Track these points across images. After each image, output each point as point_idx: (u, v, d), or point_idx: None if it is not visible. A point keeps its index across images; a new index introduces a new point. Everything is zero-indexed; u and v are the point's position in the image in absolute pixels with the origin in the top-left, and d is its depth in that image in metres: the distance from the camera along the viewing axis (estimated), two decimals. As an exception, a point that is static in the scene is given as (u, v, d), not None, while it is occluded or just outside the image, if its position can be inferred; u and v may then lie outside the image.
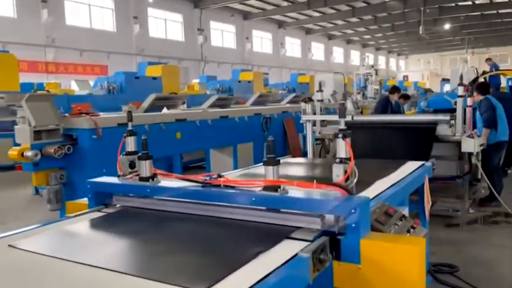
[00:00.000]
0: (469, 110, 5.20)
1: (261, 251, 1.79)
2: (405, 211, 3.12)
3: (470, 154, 5.04)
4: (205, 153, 8.01)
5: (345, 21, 35.02)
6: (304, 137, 9.77)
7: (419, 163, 3.80)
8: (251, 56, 32.22)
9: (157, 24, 26.55)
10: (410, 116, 5.72)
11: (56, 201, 5.39)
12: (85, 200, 2.75)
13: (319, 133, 5.67)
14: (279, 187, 2.12)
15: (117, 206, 2.68)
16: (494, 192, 5.50)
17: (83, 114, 5.53)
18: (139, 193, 2.56)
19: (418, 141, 4.68)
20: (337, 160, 2.10)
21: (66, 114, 5.51)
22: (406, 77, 37.18)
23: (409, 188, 3.14)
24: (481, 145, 5.02)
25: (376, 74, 16.10)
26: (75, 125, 5.36)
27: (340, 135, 2.09)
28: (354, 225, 1.88)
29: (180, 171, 7.76)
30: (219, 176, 2.34)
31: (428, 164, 3.79)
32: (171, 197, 2.45)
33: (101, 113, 6.19)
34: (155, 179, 2.57)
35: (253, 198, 2.13)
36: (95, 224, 2.39)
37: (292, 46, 37.15)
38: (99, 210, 2.64)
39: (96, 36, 23.07)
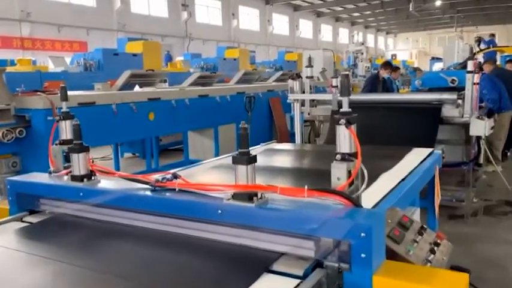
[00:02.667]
0: (476, 89, 4.60)
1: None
2: (417, 213, 2.54)
3: (478, 137, 4.47)
4: (182, 136, 7.32)
5: (333, -2, 34.10)
6: (292, 119, 9.19)
7: (427, 151, 3.20)
8: (237, 33, 31.18)
9: (139, -1, 25.34)
10: (411, 94, 5.12)
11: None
12: (6, 204, 2.11)
13: (308, 114, 5.03)
14: (255, 195, 1.50)
15: (46, 212, 2.04)
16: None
17: (38, 93, 4.80)
18: (70, 197, 1.91)
19: (422, 124, 4.09)
20: (338, 157, 1.48)
21: (18, 93, 4.78)
22: (394, 56, 36.53)
23: (420, 183, 2.54)
24: (491, 128, 4.45)
25: (367, 51, 15.45)
26: (28, 104, 4.64)
27: (342, 121, 1.46)
28: (363, 255, 1.27)
29: (155, 155, 7.11)
30: (175, 176, 1.71)
31: (438, 151, 3.20)
32: (110, 204, 1.81)
33: (70, 92, 5.45)
34: (93, 178, 1.92)
35: (219, 211, 1.51)
36: (11, 242, 1.75)
37: (280, 23, 36.09)
38: (21, 219, 2.00)
39: (75, 11, 21.85)
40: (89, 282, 1.37)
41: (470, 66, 4.27)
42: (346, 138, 1.47)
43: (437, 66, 17.84)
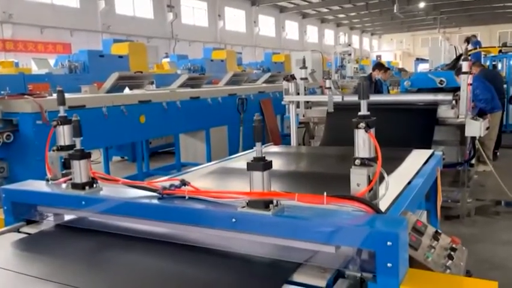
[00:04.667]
0: (469, 89, 4.61)
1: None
2: (424, 216, 2.50)
3: (473, 138, 4.48)
4: (174, 139, 7.21)
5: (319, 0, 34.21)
6: (283, 120, 9.15)
7: (428, 152, 3.19)
8: (224, 34, 31.08)
9: (124, 0, 25.02)
10: (406, 95, 5.11)
11: (-4, 199, 4.55)
12: (0, 214, 2.00)
13: (303, 116, 4.98)
14: (271, 202, 1.43)
15: (44, 222, 1.94)
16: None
17: (26, 96, 4.66)
18: (71, 206, 1.82)
19: (419, 125, 4.07)
20: (357, 162, 1.42)
21: (5, 96, 4.62)
22: (379, 57, 36.87)
23: (426, 185, 2.52)
24: (486, 128, 4.46)
25: (354, 52, 15.53)
26: (15, 108, 4.49)
27: (361, 125, 1.41)
28: (389, 264, 1.22)
29: (146, 158, 7.00)
30: (184, 183, 1.63)
31: (439, 153, 3.19)
32: (114, 213, 1.72)
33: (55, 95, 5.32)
34: (94, 186, 1.83)
35: (234, 219, 1.45)
36: (5, 256, 1.65)
37: (266, 25, 36.09)
38: (17, 230, 1.90)
39: (58, 12, 21.47)
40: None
41: (465, 67, 4.27)
42: (365, 143, 1.42)
43: (422, 67, 18.02)
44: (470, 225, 4.72)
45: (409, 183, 2.33)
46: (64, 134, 2.04)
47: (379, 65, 8.60)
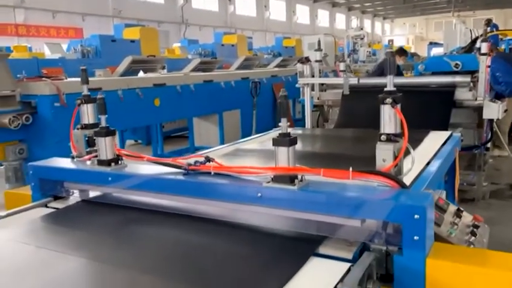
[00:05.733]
0: (487, 71, 4.55)
1: (280, 279, 1.14)
2: (443, 196, 2.51)
3: (490, 121, 4.43)
4: (187, 122, 7.24)
5: (331, -18, 33.73)
6: (295, 104, 9.11)
7: (446, 134, 3.18)
8: (234, 19, 30.85)
9: (134, -15, 24.91)
10: (424, 78, 5.05)
11: (16, 180, 4.64)
12: (27, 190, 2.06)
13: (318, 99, 4.96)
14: (296, 177, 1.45)
15: (70, 198, 1.99)
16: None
17: (44, 78, 4.70)
18: (98, 182, 1.86)
19: (436, 107, 4.04)
20: (383, 137, 1.43)
21: (23, 78, 4.67)
22: (391, 41, 36.36)
23: (444, 166, 2.51)
24: (505, 111, 4.41)
25: (367, 36, 15.34)
26: (34, 90, 4.54)
27: (388, 100, 1.41)
28: (416, 237, 1.24)
29: (160, 141, 7.05)
30: (208, 159, 1.66)
31: (457, 134, 3.18)
32: (140, 189, 1.76)
33: (74, 78, 5.35)
34: (119, 163, 1.87)
35: (259, 194, 1.47)
36: (34, 230, 1.70)
37: (277, 9, 35.72)
38: (45, 205, 1.95)
39: (70, -4, 21.52)
40: (126, 272, 1.33)
41: (484, 48, 4.21)
42: (391, 118, 1.42)
43: (436, 51, 17.74)
44: (486, 208, 4.70)
45: (427, 164, 2.34)
46: (88, 113, 2.07)
47: (401, 51, 8.35)
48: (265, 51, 19.74)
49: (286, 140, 1.45)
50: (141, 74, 6.40)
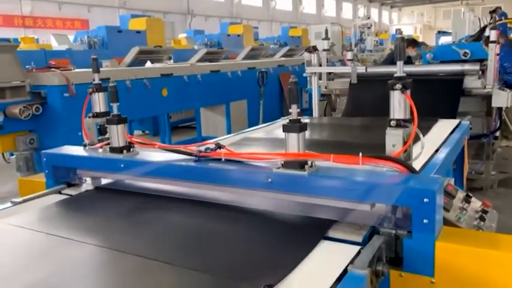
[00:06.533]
0: (496, 59, 4.51)
1: (291, 261, 1.17)
2: (452, 183, 2.52)
3: (499, 109, 4.41)
4: (195, 113, 7.27)
5: (337, -29, 33.34)
6: (302, 94, 9.10)
7: (454, 122, 3.19)
8: (240, 9, 30.67)
9: (140, -25, 24.80)
10: (432, 66, 5.03)
11: (27, 169, 4.71)
12: (41, 178, 2.10)
13: (325, 88, 4.96)
14: (306, 163, 1.47)
15: (83, 185, 2.03)
16: None
17: (53, 69, 4.74)
18: (110, 169, 1.90)
19: (444, 95, 4.03)
20: (393, 123, 1.45)
21: (32, 69, 4.72)
22: (398, 31, 35.99)
23: (453, 153, 2.52)
24: (513, 99, 4.39)
25: (374, 25, 15.22)
26: (43, 81, 4.59)
27: (398, 86, 1.42)
28: (425, 220, 1.26)
29: (168, 132, 7.08)
30: (219, 146, 1.68)
31: (466, 122, 3.18)
32: (152, 176, 1.79)
33: (83, 69, 5.39)
34: (131, 150, 1.90)
35: (270, 179, 1.49)
36: (49, 216, 1.74)
37: (283, -2, 35.48)
38: (59, 192, 2.00)
39: (76, -12, 21.50)
40: (137, 258, 1.36)
41: (493, 35, 4.18)
42: (401, 104, 1.44)
43: (444, 40, 17.54)
44: (494, 197, 4.70)
45: (436, 151, 2.35)
46: (99, 101, 2.10)
47: (413, 42, 8.19)
48: (271, 41, 19.64)
49: (296, 126, 1.46)
50: (148, 64, 6.42)
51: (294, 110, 1.48)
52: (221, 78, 6.83)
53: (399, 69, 1.45)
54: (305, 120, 3.81)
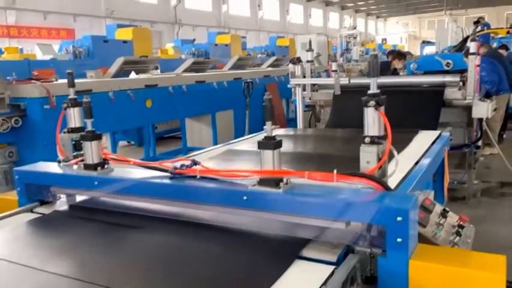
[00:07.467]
0: (477, 71, 4.58)
1: (265, 283, 1.15)
2: (431, 196, 2.52)
3: (480, 120, 4.46)
4: (180, 123, 7.22)
5: (324, -18, 33.77)
6: (288, 104, 9.13)
7: (435, 133, 3.20)
8: (228, 18, 30.82)
9: (126, -15, 24.78)
10: (414, 77, 5.08)
11: (6, 183, 4.61)
12: (14, 195, 2.04)
13: (309, 99, 4.98)
14: (281, 180, 1.46)
15: (57, 202, 1.98)
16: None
17: (33, 81, 4.68)
18: (84, 186, 1.85)
19: (426, 106, 4.06)
20: (367, 140, 1.44)
21: (12, 81, 4.64)
22: (385, 40, 36.47)
23: (433, 165, 2.53)
24: (494, 109, 4.44)
25: (360, 35, 15.39)
26: (23, 93, 4.51)
27: (371, 103, 1.42)
28: (399, 239, 1.24)
29: (152, 143, 7.03)
30: (194, 163, 1.66)
31: (446, 134, 3.20)
32: (126, 193, 1.75)
33: (63, 80, 5.32)
34: (106, 167, 1.86)
35: (245, 197, 1.47)
36: (20, 235, 1.69)
37: (270, 8, 35.74)
38: (31, 210, 1.94)
39: (61, -3, 21.38)
40: (113, 276, 1.32)
41: (473, 47, 4.23)
42: (375, 121, 1.43)
43: (428, 50, 17.81)
44: (476, 206, 4.74)
45: (416, 163, 2.35)
46: (74, 116, 2.06)
47: (399, 54, 8.18)
48: (259, 51, 19.73)
49: (271, 143, 1.45)
50: (132, 75, 6.38)
51: (268, 126, 1.46)
52: (207, 88, 6.81)
53: (373, 85, 1.44)
54: (288, 132, 3.81)
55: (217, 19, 30.22)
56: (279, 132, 3.62)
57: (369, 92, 1.45)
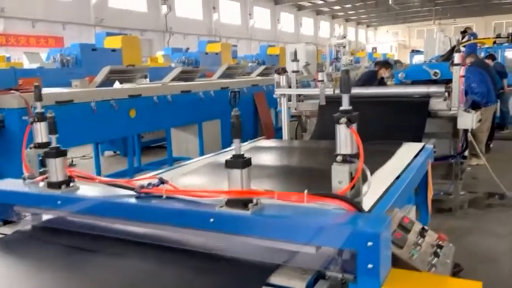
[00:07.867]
0: (461, 81, 4.55)
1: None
2: (412, 211, 2.46)
3: (465, 130, 4.44)
4: (165, 133, 7.13)
5: (314, -9, 34.04)
6: (277, 113, 9.07)
7: (419, 145, 3.15)
8: (219, 27, 30.87)
9: (117, -7, 24.76)
10: (398, 88, 5.05)
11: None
12: (-23, 214, 1.94)
13: (295, 109, 4.93)
14: (251, 201, 1.38)
15: (21, 222, 1.89)
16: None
17: (12, 91, 4.57)
18: (48, 205, 1.76)
19: (410, 117, 4.02)
20: (339, 158, 1.37)
21: (-9, 91, 4.54)
22: (375, 49, 36.76)
23: (415, 179, 2.47)
24: (479, 121, 4.42)
25: (349, 44, 15.43)
26: (1, 104, 4.41)
27: (343, 120, 1.35)
28: (370, 265, 1.17)
29: (138, 152, 6.93)
30: (162, 181, 1.58)
31: (430, 146, 3.16)
32: (90, 213, 1.67)
33: (46, 89, 5.21)
34: (71, 185, 1.77)
35: (212, 219, 1.39)
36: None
37: (261, 17, 35.89)
38: (-7, 230, 1.84)
39: (50, 5, 21.24)
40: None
41: (457, 58, 4.21)
42: (347, 138, 1.36)
43: (418, 59, 17.94)
44: (463, 217, 4.70)
45: (398, 177, 2.29)
46: (41, 131, 1.98)
47: (385, 63, 8.23)
48: (249, 59, 19.75)
49: (239, 162, 1.38)
50: (116, 84, 6.28)
51: (236, 144, 1.39)
52: (193, 98, 6.74)
53: (344, 102, 1.38)
54: (271, 144, 3.74)
55: (208, 27, 30.26)
56: (263, 143, 3.56)
57: (341, 108, 1.38)
